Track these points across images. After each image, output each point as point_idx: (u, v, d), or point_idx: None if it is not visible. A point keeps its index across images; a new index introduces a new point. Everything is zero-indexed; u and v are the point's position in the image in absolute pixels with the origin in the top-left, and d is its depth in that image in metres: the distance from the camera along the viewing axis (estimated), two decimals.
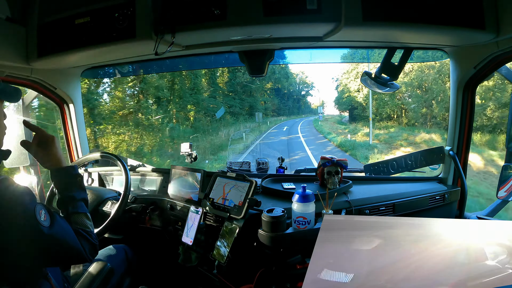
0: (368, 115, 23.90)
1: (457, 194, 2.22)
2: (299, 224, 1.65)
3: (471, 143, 2.14)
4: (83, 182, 1.53)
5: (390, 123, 23.99)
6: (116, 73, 2.77)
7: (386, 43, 1.91)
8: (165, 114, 14.76)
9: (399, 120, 23.92)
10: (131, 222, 1.98)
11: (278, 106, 42.80)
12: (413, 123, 22.48)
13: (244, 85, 27.18)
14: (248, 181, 1.87)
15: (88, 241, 1.36)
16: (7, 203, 1.11)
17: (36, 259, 1.19)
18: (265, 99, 36.64)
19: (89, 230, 1.41)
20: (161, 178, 2.49)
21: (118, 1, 1.64)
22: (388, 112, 24.12)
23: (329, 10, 1.50)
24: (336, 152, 16.47)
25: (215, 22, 1.56)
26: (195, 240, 1.91)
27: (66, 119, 2.59)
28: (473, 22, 1.52)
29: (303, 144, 19.96)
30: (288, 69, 44.12)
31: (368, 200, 2.01)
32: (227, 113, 22.92)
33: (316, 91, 60.39)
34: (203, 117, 18.21)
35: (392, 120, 24.24)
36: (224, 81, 25.15)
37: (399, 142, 18.72)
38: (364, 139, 21.02)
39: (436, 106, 20.25)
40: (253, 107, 30.22)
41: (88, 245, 1.34)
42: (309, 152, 16.76)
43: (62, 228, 1.25)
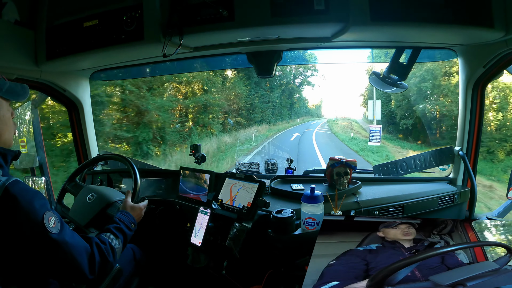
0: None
1: (467, 195, 2.19)
2: (308, 225, 1.65)
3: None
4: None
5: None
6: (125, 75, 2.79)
7: (394, 42, 1.90)
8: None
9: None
10: (140, 223, 1.98)
11: (251, 106, 20.47)
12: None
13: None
14: (256, 182, 1.87)
15: (102, 253, 1.34)
16: (17, 206, 1.11)
17: (41, 265, 1.18)
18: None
19: (109, 246, 1.40)
20: (171, 179, 2.50)
21: (126, 4, 1.65)
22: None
23: (336, 10, 1.50)
24: None
25: (223, 24, 1.56)
26: (204, 241, 1.91)
27: (75, 121, 2.61)
28: (482, 21, 1.51)
29: None
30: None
31: (377, 201, 2.00)
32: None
33: (321, 78, 36.89)
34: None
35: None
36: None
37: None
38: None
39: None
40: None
41: (99, 259, 1.33)
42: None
43: (70, 237, 1.24)
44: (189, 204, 2.17)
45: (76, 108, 2.56)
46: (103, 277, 1.39)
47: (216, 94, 16.05)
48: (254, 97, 19.98)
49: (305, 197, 1.65)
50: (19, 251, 1.12)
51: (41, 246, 1.16)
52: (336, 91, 68.63)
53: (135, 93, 10.55)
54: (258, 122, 20.04)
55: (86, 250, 1.28)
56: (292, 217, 1.67)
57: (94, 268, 1.28)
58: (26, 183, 1.21)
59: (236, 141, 14.98)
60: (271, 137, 18.80)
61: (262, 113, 20.74)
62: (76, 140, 2.67)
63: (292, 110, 27.38)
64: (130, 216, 1.66)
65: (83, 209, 1.88)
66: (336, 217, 1.57)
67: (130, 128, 10.49)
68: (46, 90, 2.32)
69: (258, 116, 20.23)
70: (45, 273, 1.24)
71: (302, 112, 32.31)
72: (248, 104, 19.50)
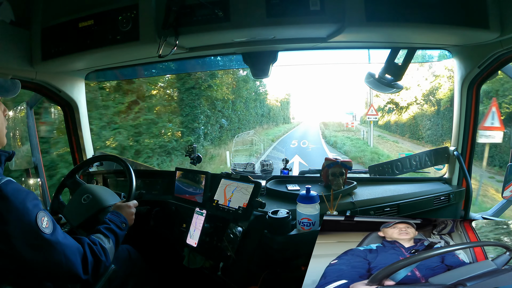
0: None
1: (462, 194, 2.20)
2: (303, 225, 1.65)
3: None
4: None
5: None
6: (120, 75, 2.78)
7: (390, 43, 1.90)
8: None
9: None
10: (136, 224, 1.98)
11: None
12: None
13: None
14: (252, 183, 1.87)
15: (94, 253, 1.35)
16: (10, 206, 1.11)
17: (34, 266, 1.18)
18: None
19: (100, 246, 1.41)
20: (166, 180, 2.49)
21: (122, 4, 1.64)
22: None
23: (332, 11, 1.50)
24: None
25: (218, 24, 1.56)
26: (199, 242, 1.92)
27: (70, 121, 2.60)
28: (477, 22, 1.52)
29: None
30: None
31: (373, 201, 2.01)
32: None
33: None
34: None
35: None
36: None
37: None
38: None
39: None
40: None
41: (91, 259, 1.33)
42: None
43: (62, 237, 1.25)
44: (184, 205, 2.17)
45: (72, 109, 2.55)
46: (98, 277, 1.39)
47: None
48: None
49: (300, 198, 1.65)
50: (12, 251, 1.12)
51: (34, 246, 1.15)
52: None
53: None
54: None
55: (79, 250, 1.29)
56: (288, 218, 1.68)
57: (88, 268, 1.29)
58: (19, 184, 1.20)
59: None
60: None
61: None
62: (71, 140, 2.66)
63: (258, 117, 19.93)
64: (121, 216, 1.67)
65: (77, 210, 1.87)
66: (336, 217, 1.57)
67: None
68: (41, 90, 2.30)
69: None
70: (39, 275, 1.23)
71: (272, 118, 24.08)
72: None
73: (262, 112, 22.05)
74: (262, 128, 21.27)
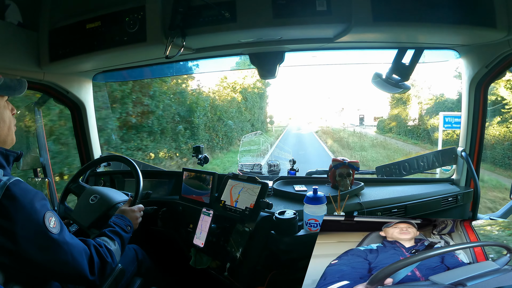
0: None
1: (470, 195, 2.19)
2: (310, 226, 1.65)
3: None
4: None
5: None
6: (127, 76, 2.79)
7: (397, 43, 1.90)
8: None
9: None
10: (143, 224, 1.99)
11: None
12: None
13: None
14: (259, 184, 1.87)
15: (100, 255, 1.37)
16: (18, 206, 1.12)
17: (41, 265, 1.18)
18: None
19: (105, 248, 1.43)
20: (173, 181, 2.50)
21: (129, 6, 1.66)
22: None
23: (338, 11, 1.50)
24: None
25: (225, 25, 1.56)
26: (206, 242, 1.92)
27: (78, 122, 2.61)
28: (485, 21, 1.51)
29: None
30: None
31: (380, 202, 2.00)
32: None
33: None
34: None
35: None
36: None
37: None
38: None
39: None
40: None
41: (97, 260, 1.34)
42: None
43: (69, 238, 1.26)
44: (191, 205, 2.17)
45: (79, 110, 2.57)
46: (105, 278, 1.41)
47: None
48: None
49: (308, 198, 1.65)
50: (20, 251, 1.12)
51: (41, 246, 1.16)
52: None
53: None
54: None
55: (85, 251, 1.30)
56: (295, 218, 1.67)
57: (94, 269, 1.31)
58: (27, 184, 1.21)
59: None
60: None
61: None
62: (79, 141, 2.67)
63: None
64: (126, 219, 1.68)
65: (86, 210, 1.89)
66: (336, 216, 1.57)
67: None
68: (49, 91, 2.32)
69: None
70: (46, 274, 1.24)
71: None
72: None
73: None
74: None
